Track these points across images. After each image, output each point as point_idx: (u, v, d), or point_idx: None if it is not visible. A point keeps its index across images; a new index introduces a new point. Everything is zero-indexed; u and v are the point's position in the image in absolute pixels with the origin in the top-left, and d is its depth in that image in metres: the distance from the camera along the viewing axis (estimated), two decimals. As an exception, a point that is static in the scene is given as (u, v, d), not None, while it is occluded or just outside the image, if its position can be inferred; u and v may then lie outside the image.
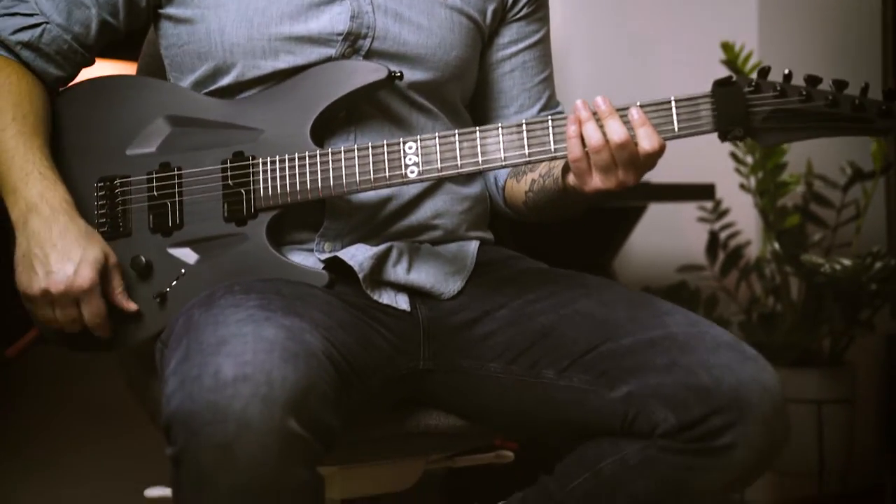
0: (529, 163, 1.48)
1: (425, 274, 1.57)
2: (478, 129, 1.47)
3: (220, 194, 1.51)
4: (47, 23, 1.54)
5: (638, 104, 1.43)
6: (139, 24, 1.62)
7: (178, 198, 1.52)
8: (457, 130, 1.48)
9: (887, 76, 3.26)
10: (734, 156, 3.09)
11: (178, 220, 1.52)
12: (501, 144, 1.46)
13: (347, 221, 1.54)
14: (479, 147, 1.46)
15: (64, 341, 1.54)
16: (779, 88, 1.43)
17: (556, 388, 1.47)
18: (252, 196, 1.50)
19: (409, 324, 1.55)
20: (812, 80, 1.43)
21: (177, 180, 1.52)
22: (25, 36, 1.54)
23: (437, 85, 1.60)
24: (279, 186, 1.50)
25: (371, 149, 1.48)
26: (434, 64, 1.59)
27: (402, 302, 1.55)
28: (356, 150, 1.48)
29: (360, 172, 1.48)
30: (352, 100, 1.53)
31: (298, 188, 1.50)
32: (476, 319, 1.55)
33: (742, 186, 3.11)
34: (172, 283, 1.52)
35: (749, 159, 3.08)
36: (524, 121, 1.46)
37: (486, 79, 1.70)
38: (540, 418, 1.51)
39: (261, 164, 1.50)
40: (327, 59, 1.53)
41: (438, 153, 1.47)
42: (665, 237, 3.29)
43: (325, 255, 1.54)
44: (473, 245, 1.64)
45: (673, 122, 1.43)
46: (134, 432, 2.14)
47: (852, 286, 2.96)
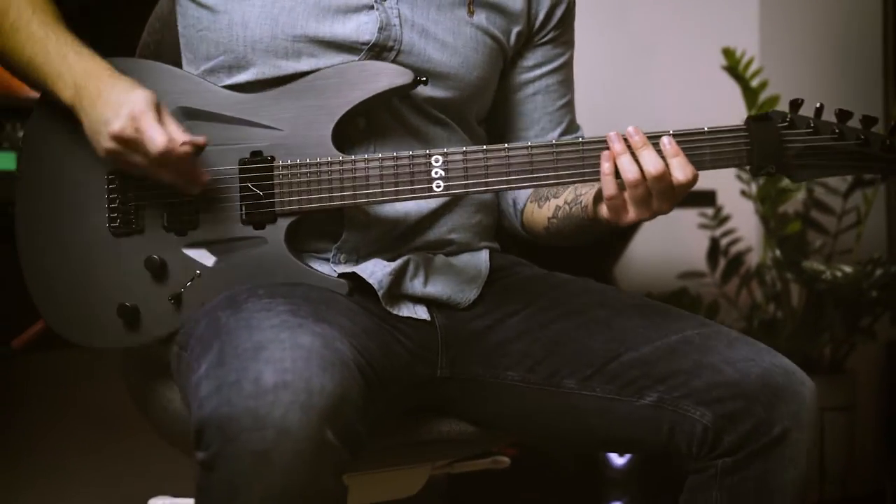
0: (559, 184, 1.46)
1: (441, 286, 1.56)
2: (507, 145, 1.45)
3: (237, 195, 1.48)
4: None
5: (671, 132, 1.41)
6: None
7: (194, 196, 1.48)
8: (484, 146, 1.46)
9: (888, 84, 3.27)
10: (735, 162, 3.09)
11: (194, 220, 1.49)
12: (532, 164, 1.44)
13: (366, 235, 1.52)
14: (509, 165, 1.44)
15: (72, 333, 1.51)
16: (812, 125, 1.42)
17: (579, 398, 1.47)
18: (272, 199, 1.47)
19: (427, 332, 1.54)
20: (843, 116, 1.43)
21: None
22: None
23: (456, 102, 1.58)
24: (301, 192, 1.47)
25: (396, 159, 1.46)
26: (455, 83, 1.56)
27: (421, 312, 1.54)
28: (381, 159, 1.46)
29: (384, 184, 1.46)
30: (376, 103, 1.50)
31: (321, 195, 1.47)
32: (490, 327, 1.54)
33: (743, 193, 3.11)
34: (187, 283, 1.49)
35: (750, 166, 3.07)
36: (554, 141, 1.45)
37: (507, 100, 1.68)
38: (562, 427, 1.51)
39: (281, 167, 1.48)
40: None
41: (466, 168, 1.45)
42: (666, 244, 3.28)
43: (342, 269, 1.51)
44: (484, 254, 1.63)
45: (705, 153, 1.42)
46: (137, 439, 2.12)
47: (853, 293, 2.97)
